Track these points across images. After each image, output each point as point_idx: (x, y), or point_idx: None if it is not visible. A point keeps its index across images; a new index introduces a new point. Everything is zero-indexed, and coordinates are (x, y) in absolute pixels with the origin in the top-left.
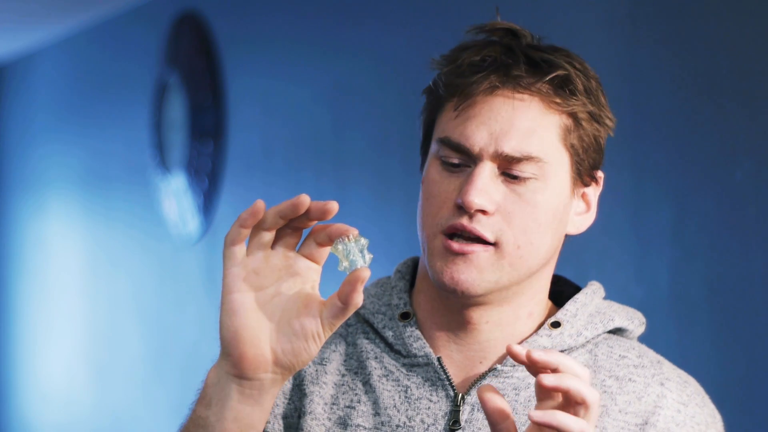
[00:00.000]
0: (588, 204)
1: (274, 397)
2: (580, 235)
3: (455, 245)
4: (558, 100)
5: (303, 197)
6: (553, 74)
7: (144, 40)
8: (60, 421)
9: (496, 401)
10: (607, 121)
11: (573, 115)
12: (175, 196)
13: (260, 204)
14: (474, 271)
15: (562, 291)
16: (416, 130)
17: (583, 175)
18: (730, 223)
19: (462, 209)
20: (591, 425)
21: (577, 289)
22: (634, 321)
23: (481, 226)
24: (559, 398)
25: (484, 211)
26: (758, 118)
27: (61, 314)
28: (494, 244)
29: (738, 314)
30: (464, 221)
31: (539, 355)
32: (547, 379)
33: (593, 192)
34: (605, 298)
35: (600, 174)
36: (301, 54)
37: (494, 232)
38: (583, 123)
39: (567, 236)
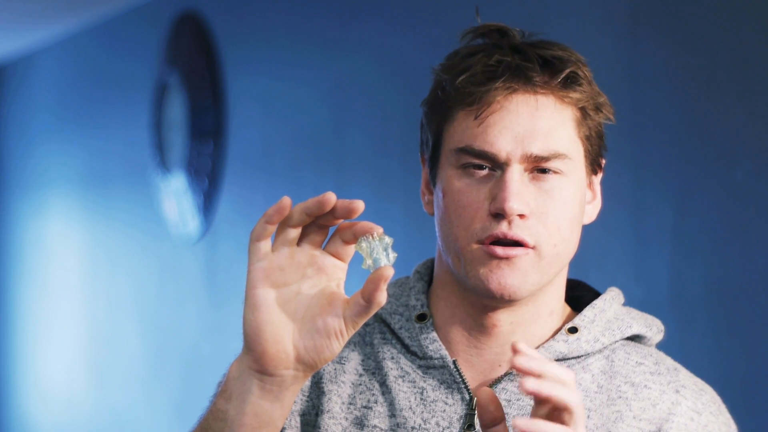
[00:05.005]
0: (594, 192)
1: (295, 394)
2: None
3: (500, 250)
4: (570, 95)
5: (329, 195)
6: (567, 71)
7: (144, 40)
8: (60, 421)
9: (487, 401)
10: (607, 108)
11: (582, 108)
12: (175, 196)
13: (286, 200)
14: (519, 274)
15: (581, 296)
16: (417, 129)
17: (593, 164)
18: (730, 223)
19: (498, 216)
20: (577, 430)
21: (596, 295)
22: (653, 328)
23: (520, 230)
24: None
25: (521, 216)
26: (758, 118)
27: (61, 314)
28: (533, 248)
29: (738, 314)
30: (504, 229)
31: (521, 363)
32: (528, 384)
33: (597, 180)
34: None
35: (603, 161)
36: (302, 54)
37: (532, 235)
38: (590, 113)
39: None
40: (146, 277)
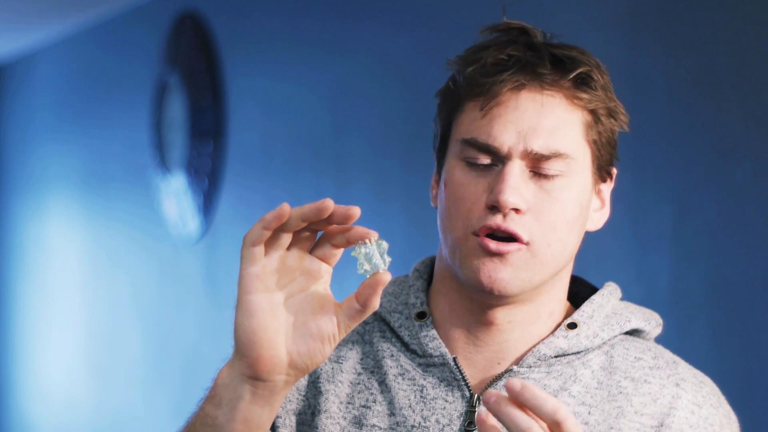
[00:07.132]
0: (602, 200)
1: (284, 397)
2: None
3: (492, 245)
4: (581, 96)
5: (328, 202)
6: (578, 71)
7: (144, 40)
8: (60, 421)
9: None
10: (621, 116)
11: (593, 111)
12: (175, 196)
13: (286, 207)
14: (510, 270)
15: (578, 291)
16: (417, 130)
17: (601, 170)
18: (730, 223)
19: (494, 209)
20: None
21: (593, 290)
22: (651, 322)
23: (515, 224)
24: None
25: (517, 210)
26: (758, 118)
27: (61, 314)
28: (527, 243)
29: (738, 314)
30: (498, 221)
31: (518, 387)
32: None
33: (607, 188)
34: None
35: (614, 170)
36: (301, 54)
37: (527, 230)
38: (602, 118)
39: (585, 233)
40: (146, 277)
